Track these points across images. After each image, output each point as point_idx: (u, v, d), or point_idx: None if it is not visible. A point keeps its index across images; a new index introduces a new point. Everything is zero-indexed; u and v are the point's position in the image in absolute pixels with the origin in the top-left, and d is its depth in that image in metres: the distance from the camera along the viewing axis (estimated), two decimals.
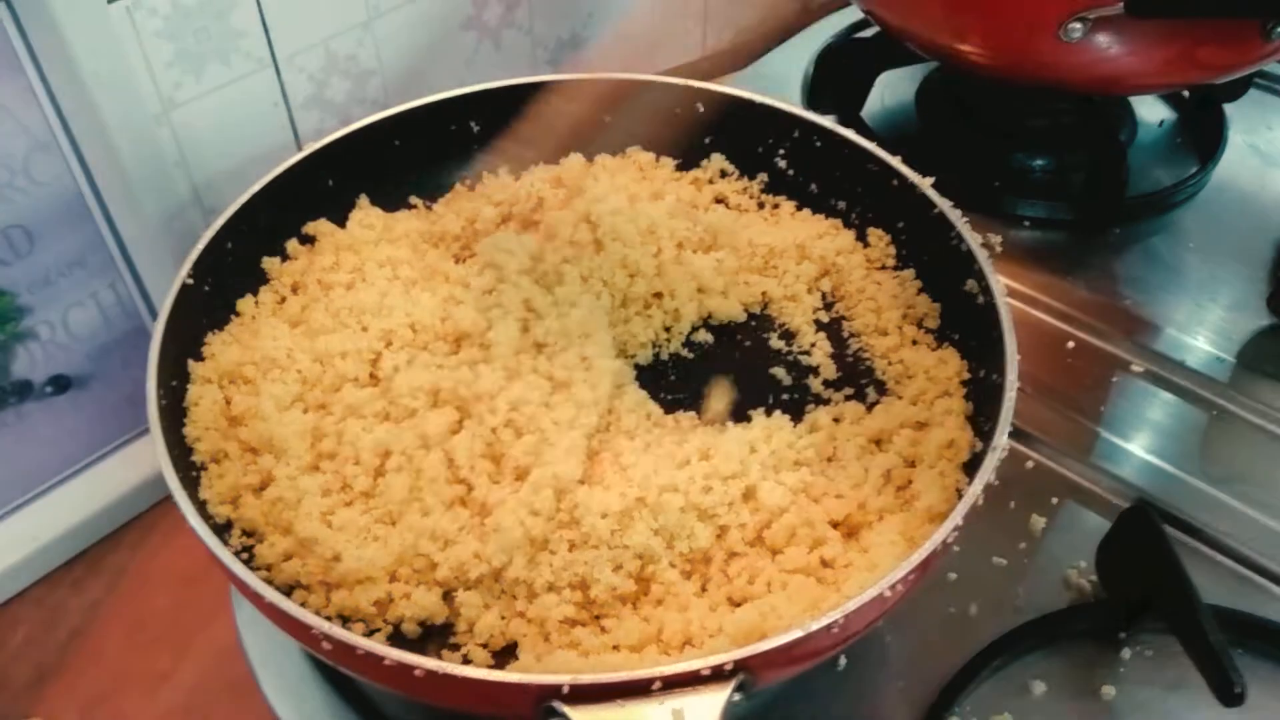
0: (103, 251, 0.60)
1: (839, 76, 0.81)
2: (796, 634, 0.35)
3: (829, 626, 0.36)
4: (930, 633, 0.51)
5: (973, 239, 0.50)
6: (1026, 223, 0.74)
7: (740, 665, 0.35)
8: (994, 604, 0.52)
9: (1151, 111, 0.83)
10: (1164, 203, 0.76)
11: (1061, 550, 0.55)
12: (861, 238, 0.59)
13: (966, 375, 0.51)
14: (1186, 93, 0.84)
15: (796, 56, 0.87)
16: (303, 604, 0.41)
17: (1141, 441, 0.61)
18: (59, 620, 0.59)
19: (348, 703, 0.48)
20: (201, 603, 0.59)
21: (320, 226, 0.58)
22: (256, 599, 0.38)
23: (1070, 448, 0.60)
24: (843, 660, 0.50)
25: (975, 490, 0.40)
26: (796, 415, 0.51)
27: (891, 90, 0.84)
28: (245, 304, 0.54)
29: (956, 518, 0.39)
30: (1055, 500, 0.57)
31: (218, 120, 0.64)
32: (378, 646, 0.35)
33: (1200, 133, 0.81)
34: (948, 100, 0.81)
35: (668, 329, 0.56)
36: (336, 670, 0.48)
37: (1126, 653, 0.51)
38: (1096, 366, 0.64)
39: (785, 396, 0.54)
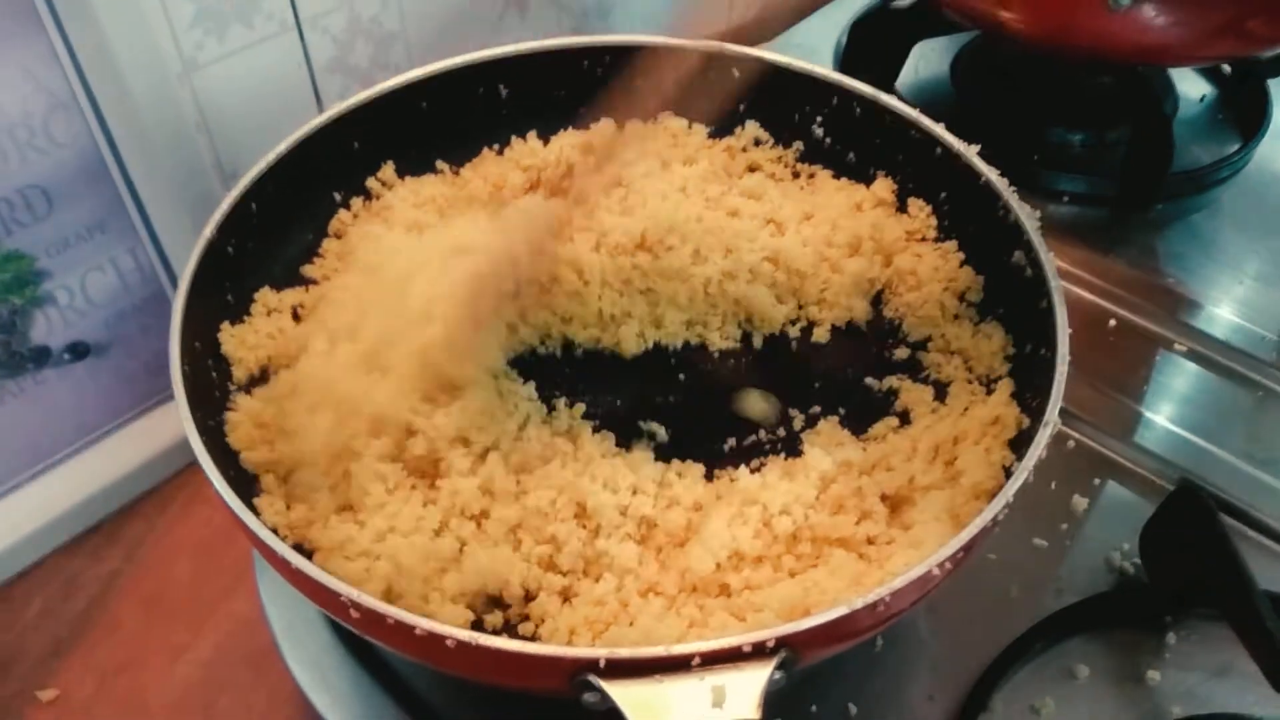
0: (122, 216, 0.58)
1: (872, 47, 0.79)
2: (841, 611, 0.34)
3: (874, 605, 0.34)
4: (969, 615, 0.49)
5: (1021, 209, 0.48)
6: (1065, 198, 0.72)
7: (783, 642, 0.33)
8: (1035, 586, 0.51)
9: (1193, 87, 0.81)
10: (1205, 180, 0.74)
11: (1103, 532, 0.53)
12: (901, 208, 0.57)
13: (1011, 351, 0.49)
14: (1228, 68, 0.82)
15: (828, 27, 0.85)
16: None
17: (1185, 421, 0.59)
18: (76, 591, 0.58)
19: (373, 675, 0.47)
20: (221, 574, 0.58)
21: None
22: (283, 565, 0.36)
23: (1112, 427, 0.58)
24: (879, 641, 0.48)
25: (1027, 466, 0.38)
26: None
27: (926, 62, 0.82)
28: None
29: (1008, 494, 0.37)
30: (1097, 481, 0.56)
31: (240, 83, 0.63)
32: (408, 616, 0.34)
33: (1242, 109, 0.79)
34: (985, 72, 0.79)
35: None
36: (362, 641, 0.47)
37: (1171, 637, 0.49)
38: (1138, 345, 0.63)
39: None
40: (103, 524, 0.60)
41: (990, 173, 0.50)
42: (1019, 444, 0.44)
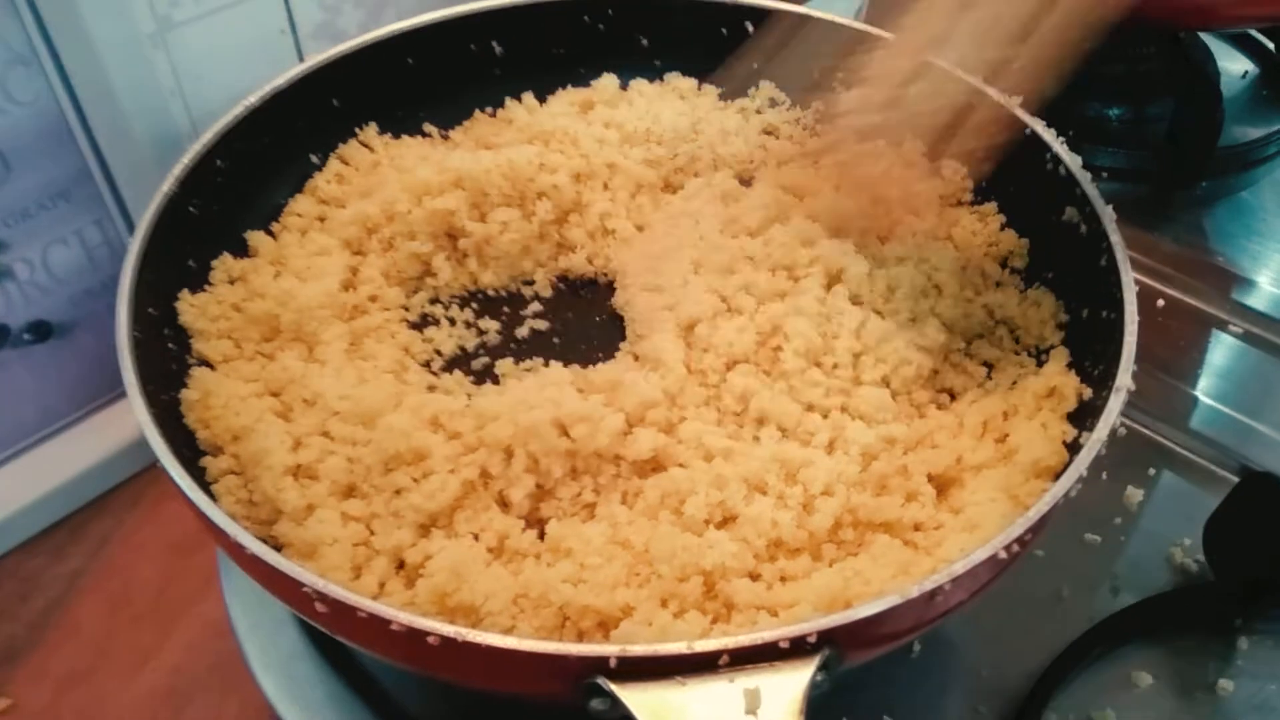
0: (89, 184, 0.55)
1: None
2: (894, 600, 0.29)
3: (932, 593, 0.29)
4: (1017, 618, 0.45)
5: (1072, 160, 0.44)
6: (1104, 174, 0.67)
7: (825, 637, 0.28)
8: (1088, 586, 0.46)
9: (1234, 63, 0.77)
10: (1252, 156, 0.70)
11: (1162, 526, 0.49)
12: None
13: (1064, 317, 0.44)
14: (1271, 44, 0.77)
15: None
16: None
17: (1243, 406, 0.55)
18: (34, 591, 0.55)
19: (349, 684, 0.42)
20: (191, 575, 0.55)
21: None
22: (238, 551, 0.32)
23: (1166, 413, 0.53)
24: (917, 646, 0.43)
25: (1099, 437, 0.34)
26: None
27: None
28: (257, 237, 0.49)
29: (1080, 467, 0.33)
30: (1152, 471, 0.51)
31: (219, 46, 0.58)
32: (384, 608, 0.29)
33: None
34: None
35: None
36: (336, 645, 0.42)
37: (1243, 642, 0.44)
38: (1190, 326, 0.59)
39: None
40: (66, 520, 0.57)
41: (1035, 123, 0.45)
42: (1080, 417, 0.39)
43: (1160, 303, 0.59)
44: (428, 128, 0.55)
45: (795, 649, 0.28)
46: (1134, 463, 0.51)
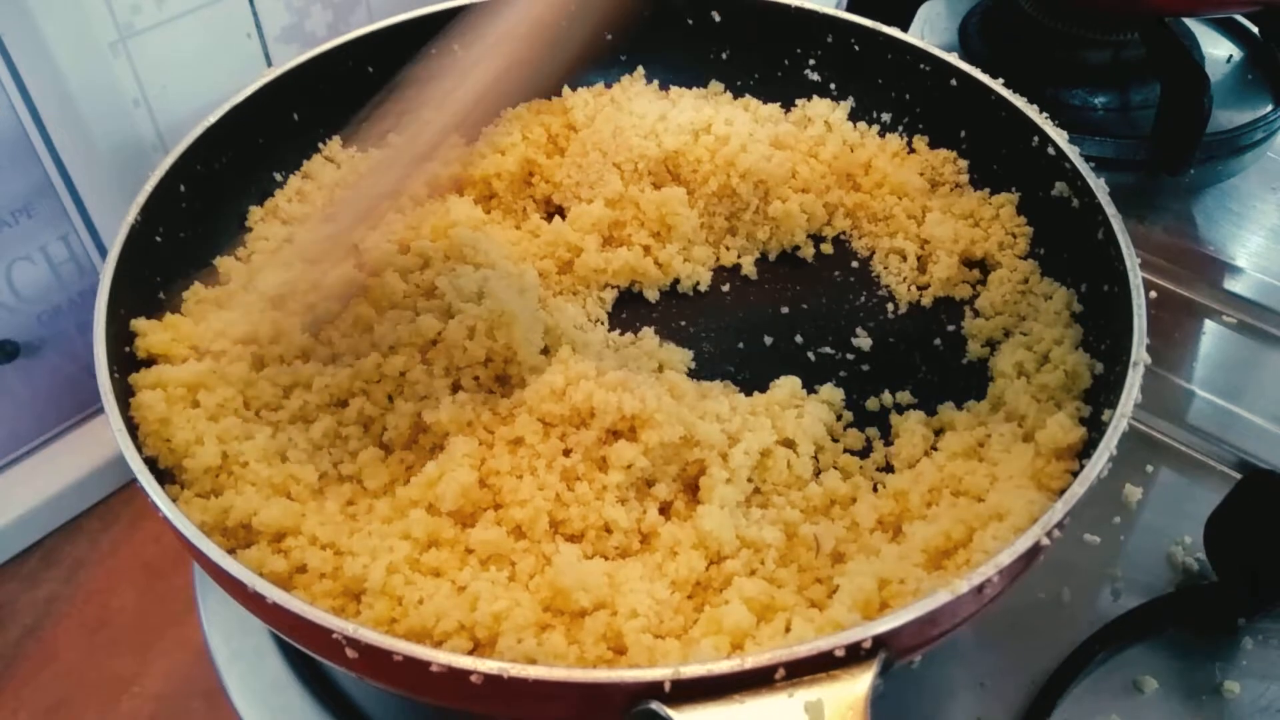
0: (52, 199, 0.53)
1: (876, 3, 0.73)
2: (944, 598, 0.28)
3: (980, 587, 0.29)
4: (1017, 624, 0.44)
5: (1058, 135, 0.43)
6: (1091, 164, 0.65)
7: (880, 641, 0.28)
8: (1089, 589, 0.45)
9: (1218, 48, 0.76)
10: (1239, 142, 0.69)
11: (1162, 524, 0.48)
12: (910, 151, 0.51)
13: (1079, 307, 0.43)
14: (1255, 28, 0.77)
15: None
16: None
17: (1239, 398, 0.54)
18: (9, 619, 0.53)
19: (332, 714, 0.40)
20: (170, 597, 0.54)
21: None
22: (257, 601, 0.30)
23: (1162, 408, 0.52)
24: (917, 657, 0.42)
25: (1124, 412, 0.34)
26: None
27: (931, 27, 0.77)
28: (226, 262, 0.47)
29: (1110, 444, 0.33)
30: (1150, 468, 0.50)
31: (183, 52, 0.57)
32: (422, 650, 0.28)
33: (1273, 69, 0.74)
34: (997, 36, 0.74)
35: None
36: (318, 674, 0.41)
37: (1248, 642, 0.44)
38: (1183, 317, 0.58)
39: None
40: (39, 544, 0.56)
41: (1018, 100, 0.44)
42: (1093, 394, 0.39)
43: (1152, 294, 0.57)
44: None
45: (851, 656, 0.28)
46: (1131, 460, 0.50)
